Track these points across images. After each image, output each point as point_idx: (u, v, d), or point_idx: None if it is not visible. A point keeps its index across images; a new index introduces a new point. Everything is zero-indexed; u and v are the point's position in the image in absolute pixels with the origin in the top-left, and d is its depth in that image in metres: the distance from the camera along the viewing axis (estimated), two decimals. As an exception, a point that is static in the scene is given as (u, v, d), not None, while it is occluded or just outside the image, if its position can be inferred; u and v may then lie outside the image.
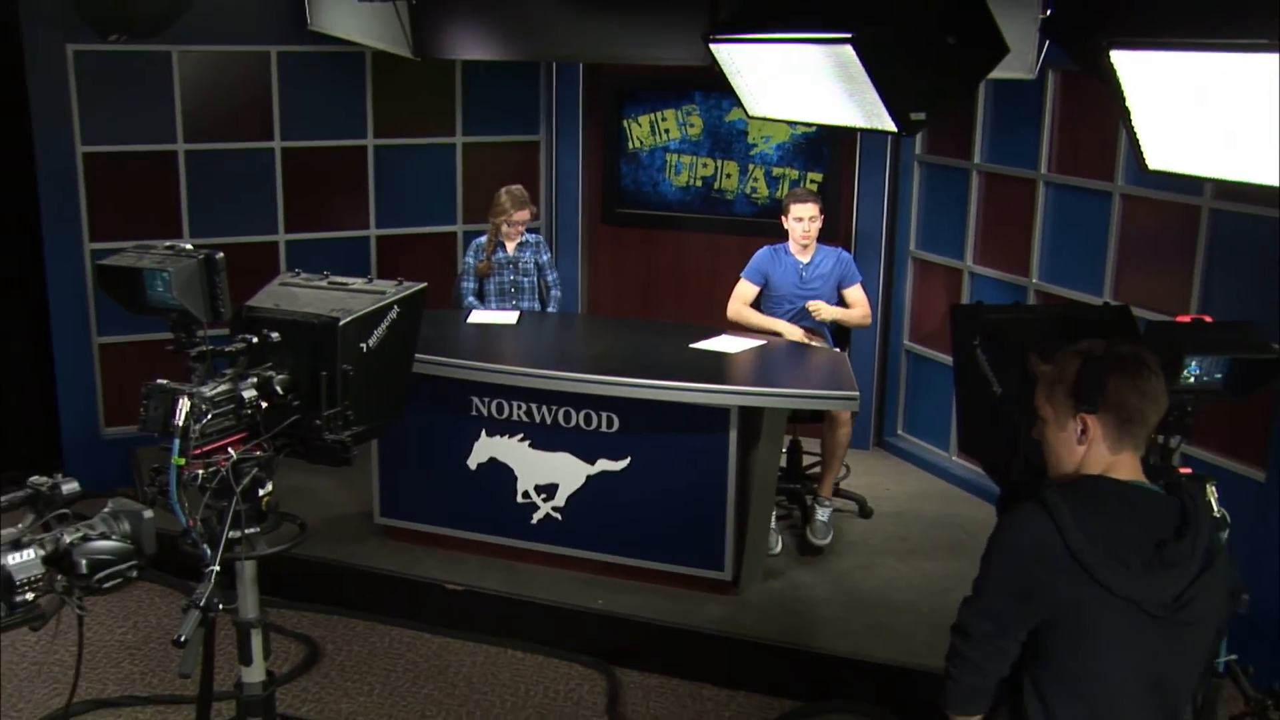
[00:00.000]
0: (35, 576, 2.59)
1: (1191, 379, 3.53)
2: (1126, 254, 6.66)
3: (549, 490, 6.34)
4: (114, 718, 5.39)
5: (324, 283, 4.36)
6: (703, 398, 5.96)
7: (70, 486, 2.70)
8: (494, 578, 6.37)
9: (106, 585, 2.41)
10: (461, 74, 8.61)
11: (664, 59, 7.19)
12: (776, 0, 5.06)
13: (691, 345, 6.58)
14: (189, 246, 4.14)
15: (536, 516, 6.39)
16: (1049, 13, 4.57)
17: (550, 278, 7.38)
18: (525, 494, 6.38)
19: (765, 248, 7.05)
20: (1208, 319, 3.75)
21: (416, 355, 6.25)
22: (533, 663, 6.02)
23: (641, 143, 8.67)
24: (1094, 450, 2.90)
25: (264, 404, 3.87)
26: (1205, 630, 2.89)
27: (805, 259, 6.96)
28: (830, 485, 6.87)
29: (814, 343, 6.80)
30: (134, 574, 2.61)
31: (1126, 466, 2.89)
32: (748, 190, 8.47)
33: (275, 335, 3.97)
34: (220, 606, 3.52)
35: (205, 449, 3.73)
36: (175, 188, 8.06)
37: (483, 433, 6.36)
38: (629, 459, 6.19)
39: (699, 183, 8.58)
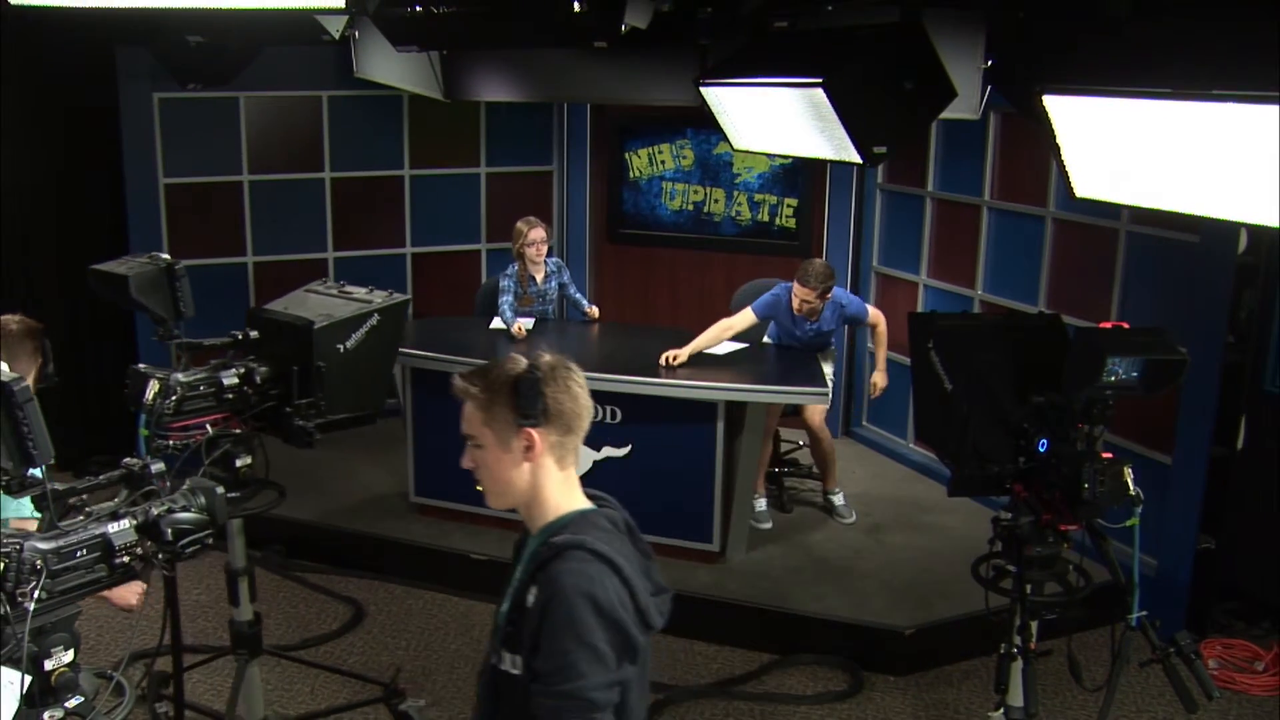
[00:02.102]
0: (130, 543, 2.62)
1: (1112, 377, 3.55)
2: (1057, 269, 6.67)
3: (561, 473, 6.33)
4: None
5: (335, 290, 4.40)
6: (694, 393, 5.98)
7: (157, 466, 2.73)
8: (512, 549, 6.37)
9: (188, 551, 2.43)
10: (485, 113, 8.62)
11: (660, 100, 7.18)
12: (758, 50, 5.07)
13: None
14: (166, 257, 4.17)
15: (550, 495, 6.39)
16: (990, 62, 4.58)
17: (573, 293, 7.33)
18: (541, 476, 6.37)
19: (782, 292, 6.45)
20: (1126, 325, 3.77)
21: (447, 356, 6.33)
22: (547, 621, 6.02)
23: (641, 172, 8.68)
24: (543, 467, 2.51)
25: (247, 390, 3.99)
26: None
27: (809, 322, 6.50)
28: (834, 478, 6.90)
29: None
30: (209, 541, 2.64)
31: (576, 490, 2.55)
32: (733, 214, 8.48)
33: (254, 333, 4.11)
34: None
35: (182, 424, 3.88)
36: (241, 213, 8.09)
37: (504, 423, 6.35)
38: (630, 446, 6.20)
39: (691, 207, 8.59)
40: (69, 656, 2.47)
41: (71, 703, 2.47)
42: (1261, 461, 5.44)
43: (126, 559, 2.61)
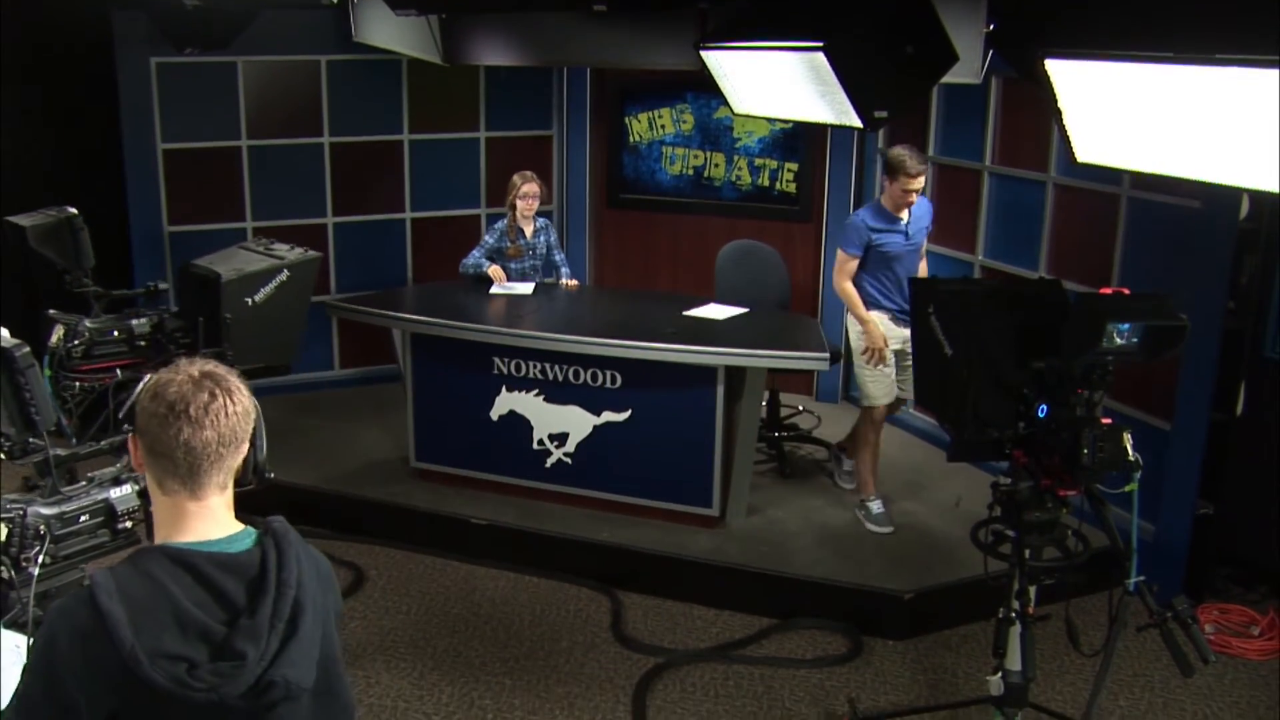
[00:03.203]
0: (133, 508, 2.63)
1: (1113, 343, 3.55)
2: (1058, 234, 6.66)
3: (561, 438, 6.37)
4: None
5: (261, 247, 4.61)
6: (694, 358, 5.98)
7: None
8: (512, 514, 6.41)
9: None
10: (485, 78, 8.58)
11: (660, 64, 7.15)
12: (758, 13, 5.05)
13: (684, 312, 6.59)
14: (71, 210, 4.39)
15: (550, 461, 6.42)
16: (992, 27, 4.56)
17: (558, 257, 7.34)
18: (540, 442, 6.41)
19: (860, 217, 6.21)
20: (1126, 291, 3.77)
21: (446, 321, 6.34)
22: (546, 586, 6.06)
23: (641, 137, 8.65)
24: (150, 483, 2.17)
25: (160, 338, 4.25)
26: (308, 701, 2.17)
27: (905, 216, 6.14)
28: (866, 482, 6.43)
29: (891, 349, 6.14)
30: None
31: (190, 520, 2.13)
32: (733, 178, 8.45)
33: (163, 284, 4.46)
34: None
35: (90, 368, 4.12)
36: (240, 178, 8.07)
37: (503, 388, 6.39)
38: (630, 411, 6.21)
39: (691, 172, 8.56)
40: None
41: None
42: (1261, 427, 5.45)
43: (129, 524, 2.63)
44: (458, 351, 6.37)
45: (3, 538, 2.50)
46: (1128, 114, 3.46)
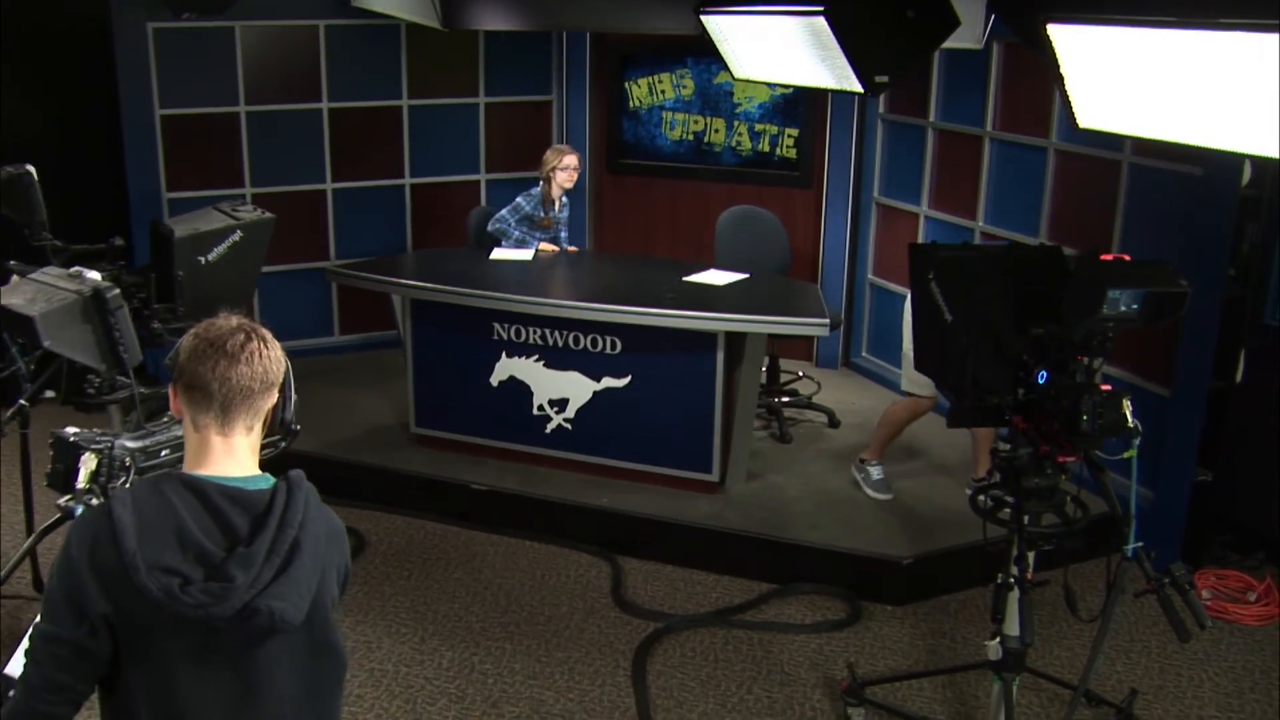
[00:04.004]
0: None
1: (1113, 309, 3.54)
2: (1059, 201, 6.64)
3: (561, 404, 6.37)
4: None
5: (229, 208, 4.72)
6: (693, 323, 5.96)
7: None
8: (513, 479, 6.42)
9: (264, 453, 2.44)
10: (484, 42, 8.53)
11: (660, 28, 7.12)
12: (758, -22, 5.02)
13: (684, 278, 6.58)
14: (28, 167, 4.54)
15: (550, 427, 6.43)
16: (994, -9, 4.55)
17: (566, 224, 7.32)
18: (540, 407, 6.41)
19: None
20: (1127, 257, 3.75)
21: (446, 286, 6.34)
22: (546, 552, 6.08)
23: (641, 102, 8.61)
24: (185, 425, 2.32)
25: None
26: (300, 641, 2.29)
27: None
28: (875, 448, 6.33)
29: None
30: (283, 444, 2.76)
31: (215, 455, 2.28)
32: (733, 144, 8.42)
33: (119, 240, 4.56)
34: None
35: None
36: (238, 144, 8.03)
37: (503, 354, 6.38)
38: (630, 377, 6.20)
39: (691, 137, 8.53)
40: None
41: None
42: (1260, 395, 5.44)
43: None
44: (458, 317, 6.36)
45: (94, 468, 2.77)
46: (1130, 79, 3.44)
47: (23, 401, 4.39)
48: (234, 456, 2.28)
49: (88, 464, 2.80)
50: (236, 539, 2.20)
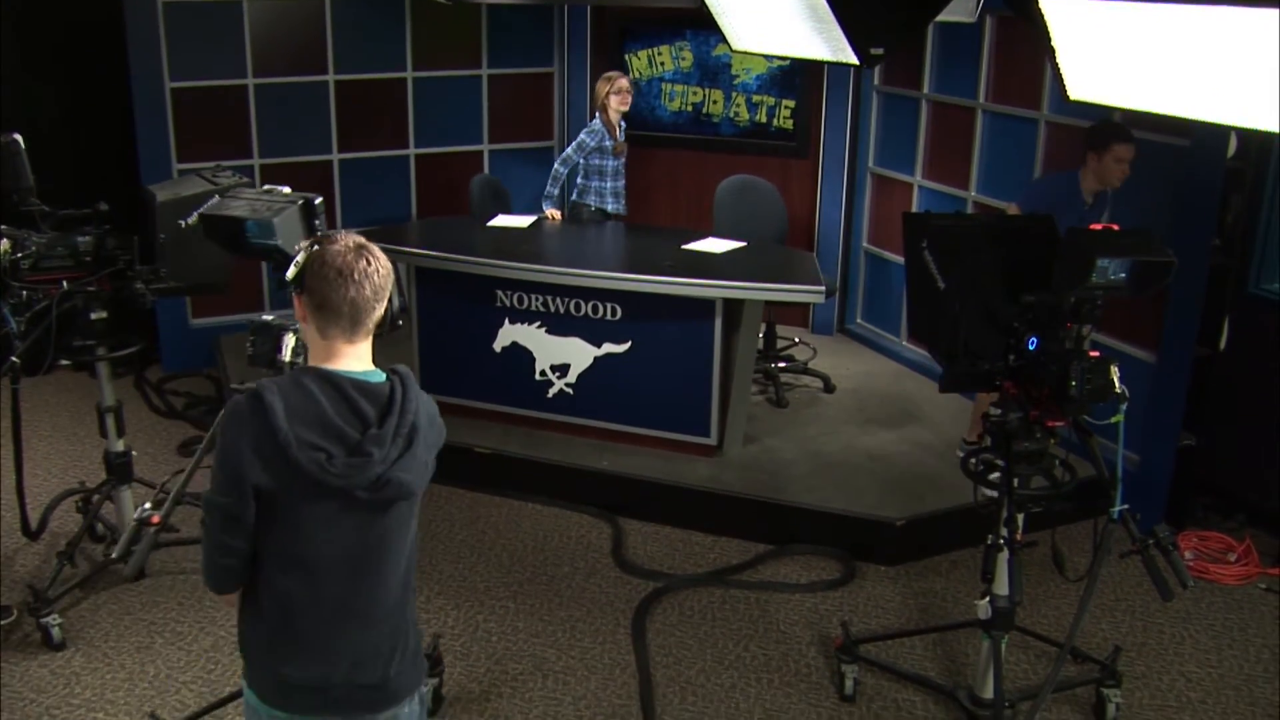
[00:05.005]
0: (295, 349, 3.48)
1: (1101, 278, 3.54)
2: (1050, 171, 6.63)
3: (562, 369, 6.38)
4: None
5: (209, 173, 4.83)
6: (692, 291, 5.97)
7: None
8: (516, 443, 6.43)
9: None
10: (487, 15, 8.49)
11: (660, 1, 7.09)
12: (756, -48, 4.99)
13: (683, 246, 6.57)
14: (15, 136, 4.67)
15: (552, 391, 6.44)
16: (988, -36, 4.53)
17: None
18: (542, 372, 6.42)
19: (1052, 180, 5.81)
20: (1115, 227, 3.76)
21: (450, 255, 6.32)
22: (549, 513, 6.10)
23: (640, 73, 8.58)
24: (310, 331, 2.67)
25: (103, 253, 4.60)
26: (408, 508, 2.71)
27: (1090, 199, 5.56)
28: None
29: None
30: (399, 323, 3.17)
31: (342, 356, 2.64)
32: (731, 115, 8.39)
33: (104, 206, 4.67)
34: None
35: (38, 279, 4.51)
36: (246, 116, 8.00)
37: (506, 321, 6.39)
38: (630, 343, 6.21)
39: (689, 108, 8.50)
40: None
41: None
42: (1242, 362, 5.47)
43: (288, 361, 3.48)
44: (461, 285, 6.36)
45: (294, 344, 3.38)
46: (1120, 52, 3.43)
47: (14, 359, 4.46)
48: (358, 356, 2.66)
49: (289, 341, 3.34)
50: (368, 423, 2.58)
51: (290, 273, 2.66)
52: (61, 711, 4.42)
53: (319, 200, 3.64)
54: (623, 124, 7.18)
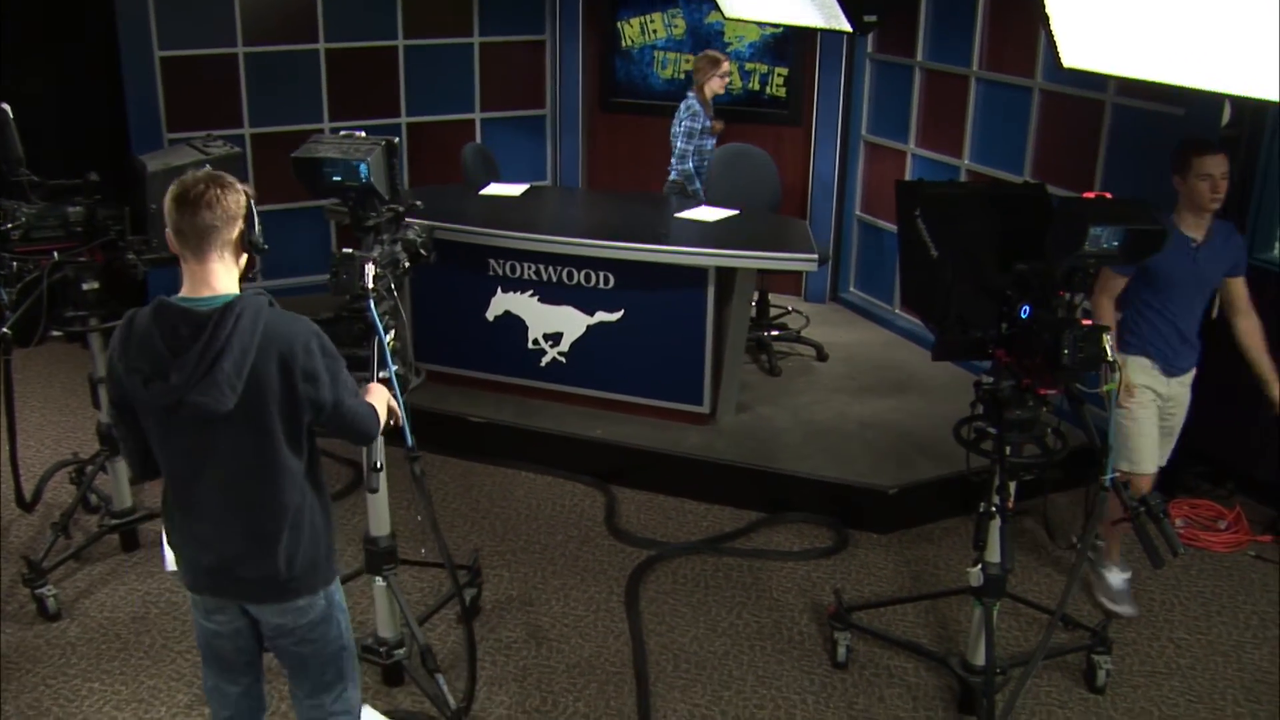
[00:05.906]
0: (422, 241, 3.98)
1: (1094, 246, 3.53)
2: (1043, 139, 6.61)
3: (555, 338, 6.36)
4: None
5: (199, 142, 4.81)
6: (685, 259, 5.95)
7: None
8: (509, 411, 6.43)
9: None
10: (478, -18, 8.46)
11: (653, -31, 7.05)
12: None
13: (676, 215, 6.55)
14: (4, 106, 4.66)
15: (545, 360, 6.43)
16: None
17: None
18: (535, 341, 6.41)
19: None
20: (1109, 195, 3.74)
21: (444, 223, 6.29)
22: (542, 482, 6.10)
23: (633, 41, 8.53)
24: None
25: (94, 224, 4.62)
26: (244, 424, 2.87)
27: (1199, 235, 4.54)
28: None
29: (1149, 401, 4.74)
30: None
31: (192, 277, 2.89)
32: (724, 83, 8.36)
33: (94, 176, 4.68)
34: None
35: (29, 249, 4.53)
36: (237, 84, 7.96)
37: (498, 290, 6.37)
38: (623, 311, 6.20)
39: (682, 76, 8.46)
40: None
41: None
42: (1232, 332, 5.45)
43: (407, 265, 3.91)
44: (454, 253, 6.33)
45: (376, 271, 3.61)
46: (1115, 19, 3.42)
47: (5, 330, 4.46)
48: (206, 281, 2.88)
49: (370, 269, 3.57)
50: (181, 347, 2.78)
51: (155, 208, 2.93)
52: (57, 682, 4.42)
53: (396, 140, 3.83)
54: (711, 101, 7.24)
